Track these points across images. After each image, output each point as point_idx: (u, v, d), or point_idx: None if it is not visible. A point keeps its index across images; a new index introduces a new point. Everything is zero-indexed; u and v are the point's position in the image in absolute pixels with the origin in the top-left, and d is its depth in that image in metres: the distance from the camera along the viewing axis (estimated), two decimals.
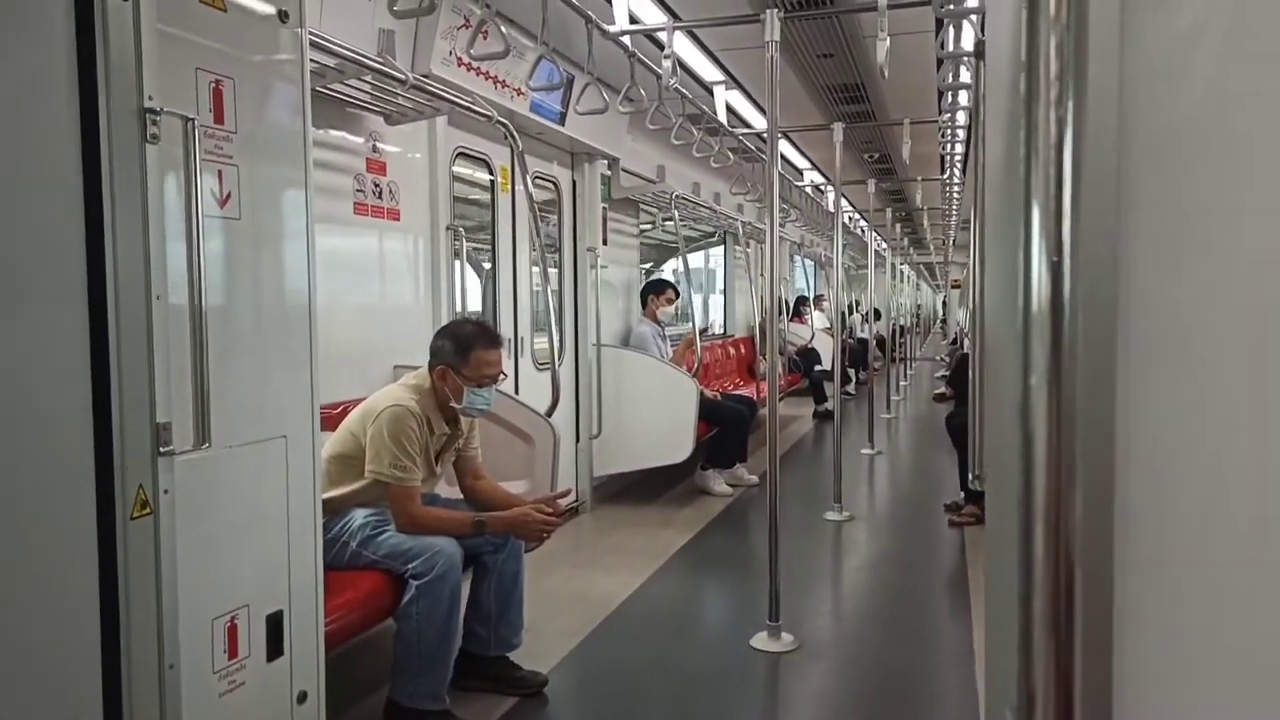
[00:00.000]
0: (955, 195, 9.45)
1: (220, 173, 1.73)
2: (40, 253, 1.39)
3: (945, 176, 8.98)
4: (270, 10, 1.86)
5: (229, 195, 1.75)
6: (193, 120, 1.60)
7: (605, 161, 5.44)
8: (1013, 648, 0.56)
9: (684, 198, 6.36)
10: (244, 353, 1.79)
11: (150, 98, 1.52)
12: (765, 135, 3.38)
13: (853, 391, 10.95)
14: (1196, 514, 0.54)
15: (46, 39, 1.39)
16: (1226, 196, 0.55)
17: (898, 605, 3.81)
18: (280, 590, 1.87)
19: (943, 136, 5.76)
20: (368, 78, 3.02)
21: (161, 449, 1.54)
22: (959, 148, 6.04)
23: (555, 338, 4.23)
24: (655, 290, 6.01)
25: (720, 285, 9.74)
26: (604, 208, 5.52)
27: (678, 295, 6.06)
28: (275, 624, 1.85)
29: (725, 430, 5.75)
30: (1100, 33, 0.59)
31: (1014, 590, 0.56)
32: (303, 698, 1.93)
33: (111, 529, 1.46)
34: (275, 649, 1.85)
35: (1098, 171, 0.59)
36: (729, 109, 6.05)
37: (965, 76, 3.88)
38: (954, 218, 11.18)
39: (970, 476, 3.11)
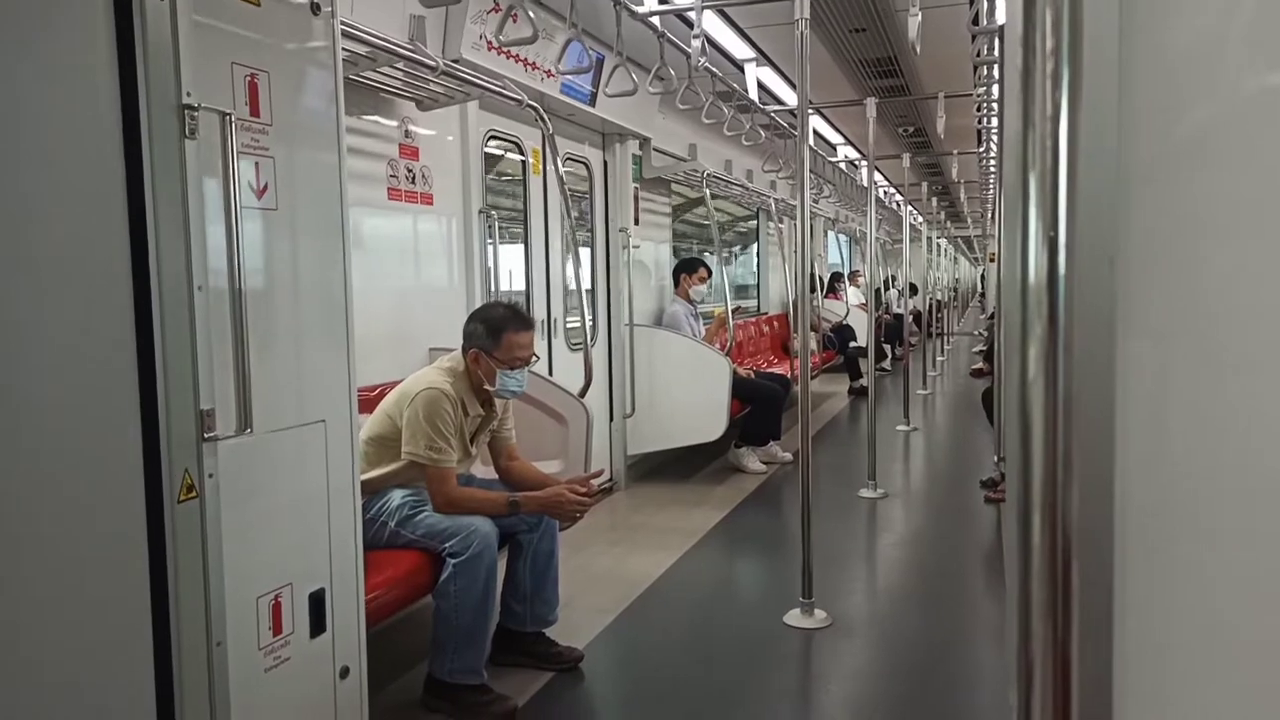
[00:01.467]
0: (991, 168, 9.30)
1: (257, 164, 1.76)
2: (86, 247, 1.44)
3: (982, 150, 8.84)
4: (303, 0, 1.89)
5: (266, 186, 1.79)
6: (229, 115, 1.64)
7: (636, 141, 5.44)
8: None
9: (716, 175, 6.34)
10: (283, 340, 1.84)
11: (188, 94, 1.55)
12: (797, 111, 3.36)
13: (888, 367, 10.89)
14: (1198, 499, 0.55)
15: (88, 39, 1.44)
16: (1231, 180, 0.55)
17: (932, 582, 3.81)
18: (322, 569, 1.93)
19: (978, 110, 5.66)
20: (399, 65, 3.05)
21: (206, 435, 1.59)
22: (994, 121, 5.93)
23: (588, 318, 4.26)
24: (687, 269, 6.00)
25: (754, 262, 9.70)
26: (635, 187, 5.52)
27: (710, 274, 6.05)
28: (318, 602, 1.91)
29: (759, 408, 5.76)
30: (1097, 8, 0.59)
31: None
32: (345, 673, 1.99)
33: (160, 512, 1.52)
34: (318, 626, 1.91)
35: (1095, 147, 0.59)
36: (760, 86, 6.00)
37: (999, 50, 3.82)
38: (990, 191, 11.01)
39: (996, 458, 3.09)
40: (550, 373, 4.50)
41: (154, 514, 1.51)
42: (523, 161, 4.54)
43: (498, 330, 2.75)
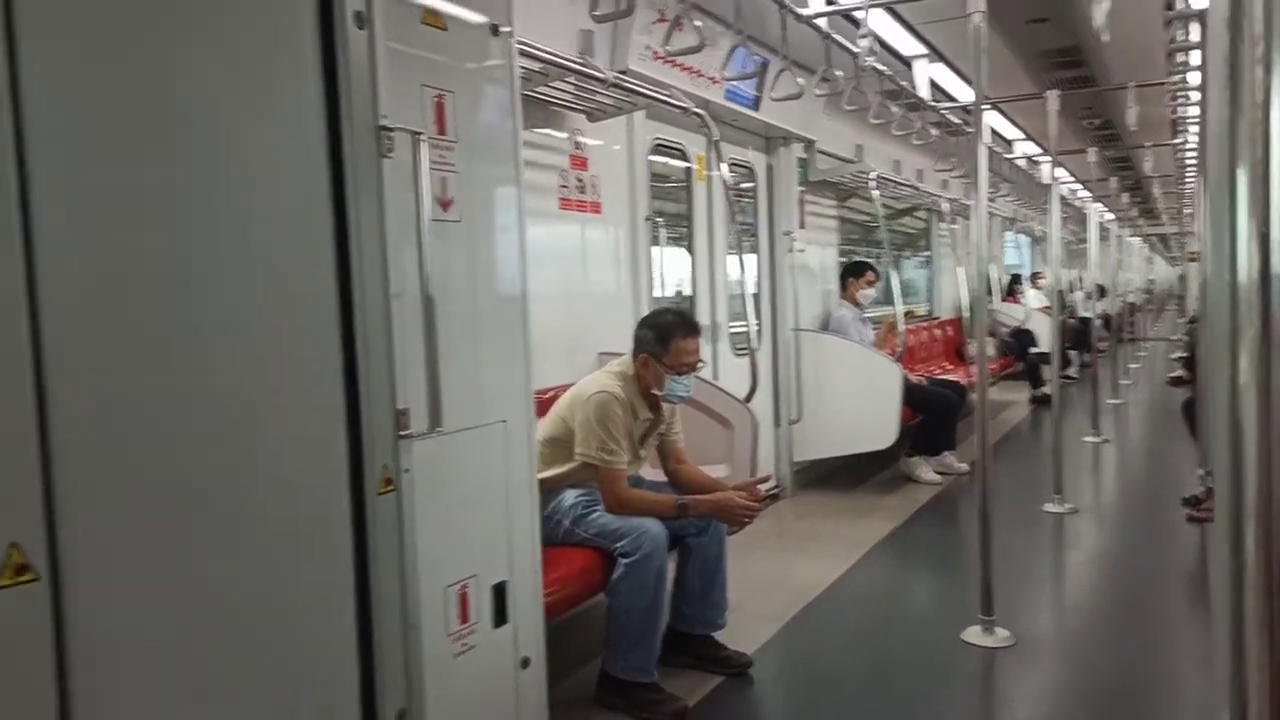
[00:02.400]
0: (1190, 161, 8.60)
1: (444, 179, 1.87)
2: (301, 259, 1.57)
3: (1179, 141, 8.18)
4: (483, 22, 1.99)
5: (451, 200, 1.90)
6: (420, 135, 1.75)
7: (801, 144, 5.38)
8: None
9: (884, 177, 6.17)
10: (467, 344, 1.94)
11: (384, 116, 1.67)
12: (971, 108, 3.23)
13: (1074, 375, 10.22)
14: None
15: (301, 72, 1.57)
16: None
17: (1126, 603, 3.55)
18: (503, 562, 2.02)
19: (1173, 99, 5.25)
20: (570, 79, 3.16)
21: (401, 432, 1.70)
22: (1192, 110, 5.48)
23: (753, 323, 4.25)
24: (854, 273, 5.87)
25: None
26: (801, 190, 5.46)
27: (878, 277, 5.89)
28: (500, 593, 2.00)
29: (932, 416, 5.55)
30: None
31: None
32: (526, 663, 2.08)
33: (362, 503, 1.64)
34: (500, 616, 2.00)
35: None
36: (931, 83, 5.81)
37: (1196, 34, 3.53)
38: (1189, 185, 10.18)
39: (1201, 472, 2.82)
40: (715, 378, 4.51)
41: (357, 505, 1.64)
42: (687, 168, 4.58)
43: (666, 336, 2.80)
